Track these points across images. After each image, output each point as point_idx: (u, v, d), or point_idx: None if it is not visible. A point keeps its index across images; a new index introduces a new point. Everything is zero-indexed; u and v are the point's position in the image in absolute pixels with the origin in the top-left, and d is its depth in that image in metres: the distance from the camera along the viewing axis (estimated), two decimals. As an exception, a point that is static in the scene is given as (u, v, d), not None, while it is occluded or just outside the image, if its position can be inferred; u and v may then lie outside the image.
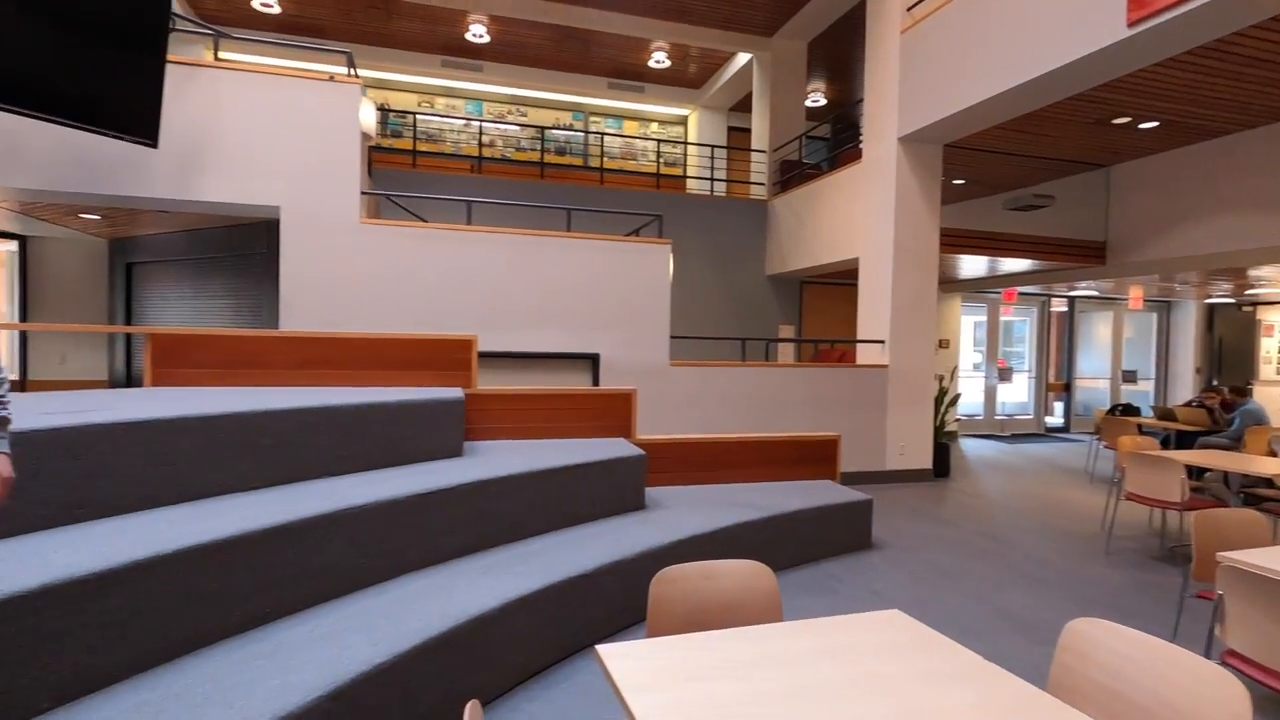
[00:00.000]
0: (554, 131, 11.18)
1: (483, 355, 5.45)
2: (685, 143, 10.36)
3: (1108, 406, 11.08)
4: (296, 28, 9.46)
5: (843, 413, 6.57)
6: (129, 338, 7.17)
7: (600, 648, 1.43)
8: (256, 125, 4.96)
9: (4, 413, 1.31)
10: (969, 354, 11.45)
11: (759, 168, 9.81)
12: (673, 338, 6.05)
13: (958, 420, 10.75)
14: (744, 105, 11.19)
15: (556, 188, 8.60)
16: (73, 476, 2.27)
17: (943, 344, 10.53)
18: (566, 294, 5.66)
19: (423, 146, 10.46)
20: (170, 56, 4.50)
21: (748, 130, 10.44)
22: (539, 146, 10.87)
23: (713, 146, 10.45)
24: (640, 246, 5.86)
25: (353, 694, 1.95)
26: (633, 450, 3.99)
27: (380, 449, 3.28)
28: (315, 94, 5.09)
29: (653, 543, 3.35)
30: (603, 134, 10.69)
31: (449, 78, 10.59)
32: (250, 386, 3.85)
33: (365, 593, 2.58)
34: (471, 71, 10.48)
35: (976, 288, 10.86)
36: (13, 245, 7.08)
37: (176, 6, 4.46)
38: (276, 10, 8.89)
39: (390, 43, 9.86)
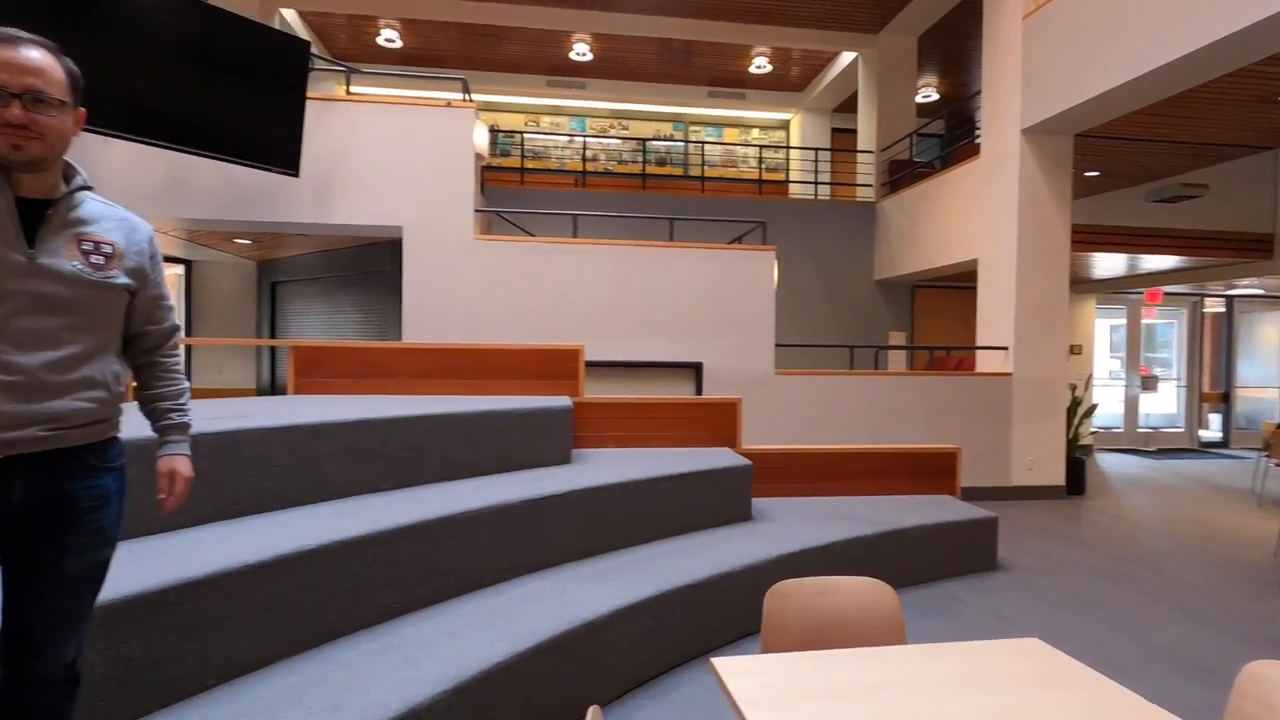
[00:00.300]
0: (654, 143, 11.31)
1: (589, 364, 5.57)
2: (788, 147, 10.19)
3: (1278, 419, 9.79)
4: (417, 59, 10.13)
5: (962, 424, 6.19)
6: (273, 349, 7.90)
7: (716, 660, 1.41)
8: (383, 151, 5.34)
9: (186, 419, 1.47)
10: (1105, 361, 10.48)
11: (865, 169, 9.48)
12: (778, 346, 5.93)
13: (1093, 433, 9.85)
14: (849, 106, 10.85)
15: (658, 198, 8.68)
16: (232, 476, 2.51)
17: (1074, 350, 9.70)
18: (669, 303, 5.69)
19: (530, 164, 10.88)
20: (309, 94, 4.94)
21: (853, 131, 10.10)
22: (640, 158, 11.03)
23: (816, 149, 10.20)
24: (743, 254, 5.80)
25: (474, 690, 2.03)
26: (738, 460, 3.94)
27: (495, 455, 3.42)
28: (434, 120, 5.42)
29: (761, 555, 3.28)
30: (703, 143, 10.71)
31: (554, 96, 10.98)
32: (378, 395, 4.13)
33: (483, 593, 2.69)
34: (575, 89, 10.80)
35: (1114, 288, 9.94)
36: (180, 269, 7.99)
37: (313, 49, 4.93)
38: (399, 44, 9.56)
39: (499, 67, 10.35)
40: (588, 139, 11.14)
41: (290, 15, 8.68)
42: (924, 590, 3.83)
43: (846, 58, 9.75)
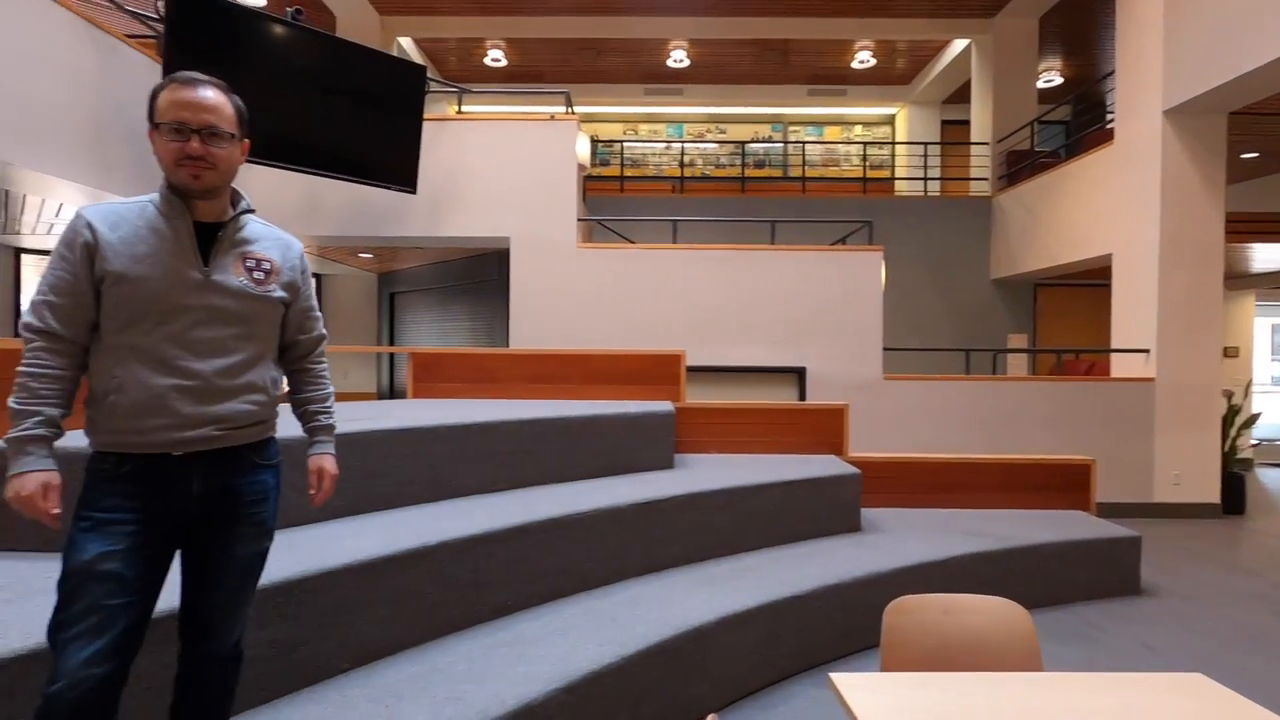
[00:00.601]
0: (753, 145, 11.18)
1: (689, 370, 5.56)
2: (894, 142, 9.78)
3: None
4: (520, 76, 10.53)
5: (1093, 434, 5.69)
6: (391, 355, 8.43)
7: (835, 676, 1.36)
8: (491, 166, 5.58)
9: (332, 420, 1.59)
10: (1266, 364, 9.33)
11: (980, 162, 8.93)
12: (886, 350, 5.69)
13: (1254, 445, 8.78)
14: (960, 96, 10.28)
15: (757, 201, 8.57)
16: (360, 475, 2.69)
17: (1230, 353, 8.70)
18: (771, 307, 5.59)
19: (629, 171, 11.04)
20: (425, 115, 5.24)
21: (965, 123, 9.56)
22: (738, 161, 10.94)
23: (925, 144, 9.73)
24: (848, 255, 5.61)
25: (585, 689, 2.06)
26: (845, 468, 3.80)
27: (599, 458, 3.48)
28: (538, 134, 5.61)
29: (872, 568, 3.15)
30: (803, 143, 10.47)
31: (651, 105, 11.09)
32: (489, 399, 4.31)
33: (590, 594, 2.74)
34: (672, 96, 10.87)
35: (1276, 283, 8.83)
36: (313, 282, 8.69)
37: (428, 72, 5.27)
38: (504, 63, 9.99)
39: (598, 79, 10.58)
40: (685, 144, 11.17)
41: (406, 43, 9.27)
42: (1055, 613, 3.54)
43: (958, 46, 9.25)
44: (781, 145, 11.17)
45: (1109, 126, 6.47)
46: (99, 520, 1.24)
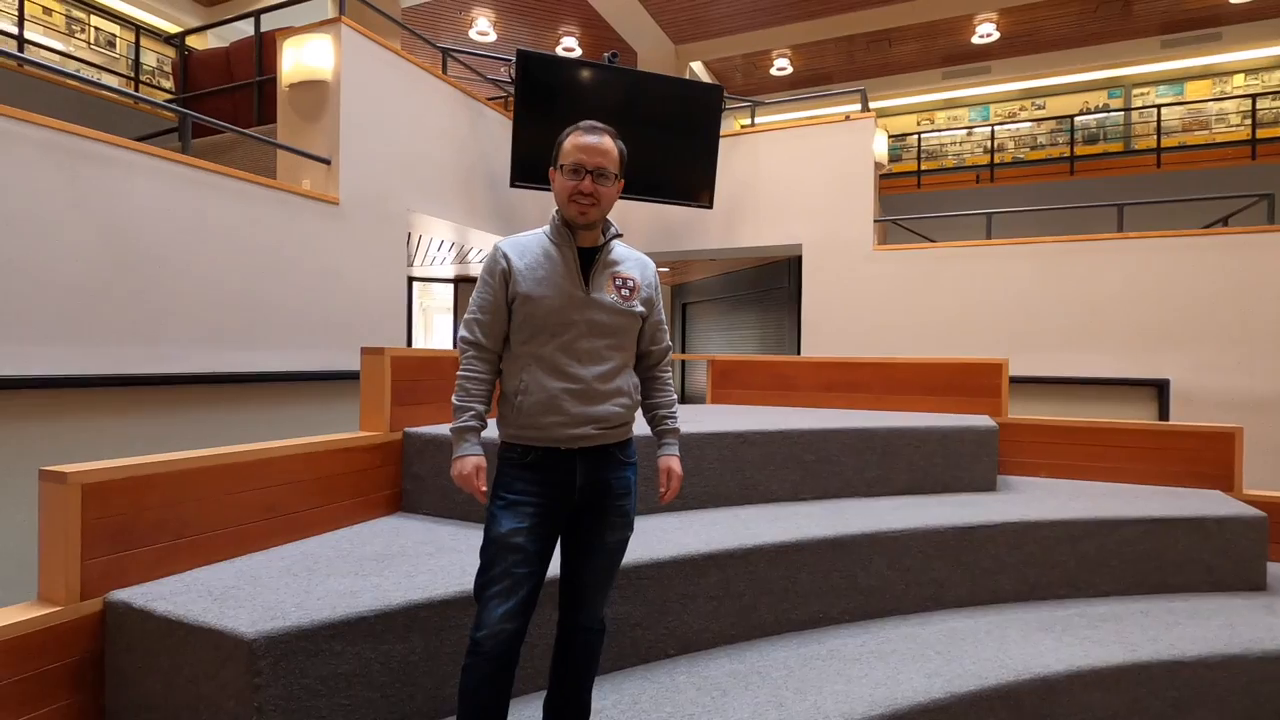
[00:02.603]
0: (1082, 118, 9.54)
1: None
2: (1298, 90, 7.54)
3: None
4: (807, 80, 10.44)
5: None
6: (682, 362, 8.95)
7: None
8: (785, 173, 5.61)
9: (676, 424, 1.74)
10: None
11: None
12: (1294, 359, 4.40)
13: None
14: None
15: (1091, 183, 7.30)
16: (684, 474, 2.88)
17: None
18: (1116, 307, 4.70)
19: (926, 165, 10.24)
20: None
21: None
22: (1059, 140, 9.43)
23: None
24: (1236, 239, 4.46)
25: (912, 722, 1.93)
26: (1241, 509, 3.01)
27: (909, 475, 3.25)
28: (833, 136, 5.48)
29: (1292, 642, 2.44)
30: (1157, 106, 8.62)
31: (949, 89, 10.14)
32: (786, 406, 4.32)
33: (906, 619, 2.57)
34: (977, 76, 9.80)
35: None
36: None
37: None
38: (790, 70, 9.98)
39: (888, 71, 9.99)
40: (995, 127, 9.98)
41: (697, 66, 9.80)
42: None
43: None
44: (1122, 114, 9.35)
45: None
46: (510, 500, 1.52)
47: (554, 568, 1.66)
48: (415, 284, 8.58)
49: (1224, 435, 3.47)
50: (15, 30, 6.27)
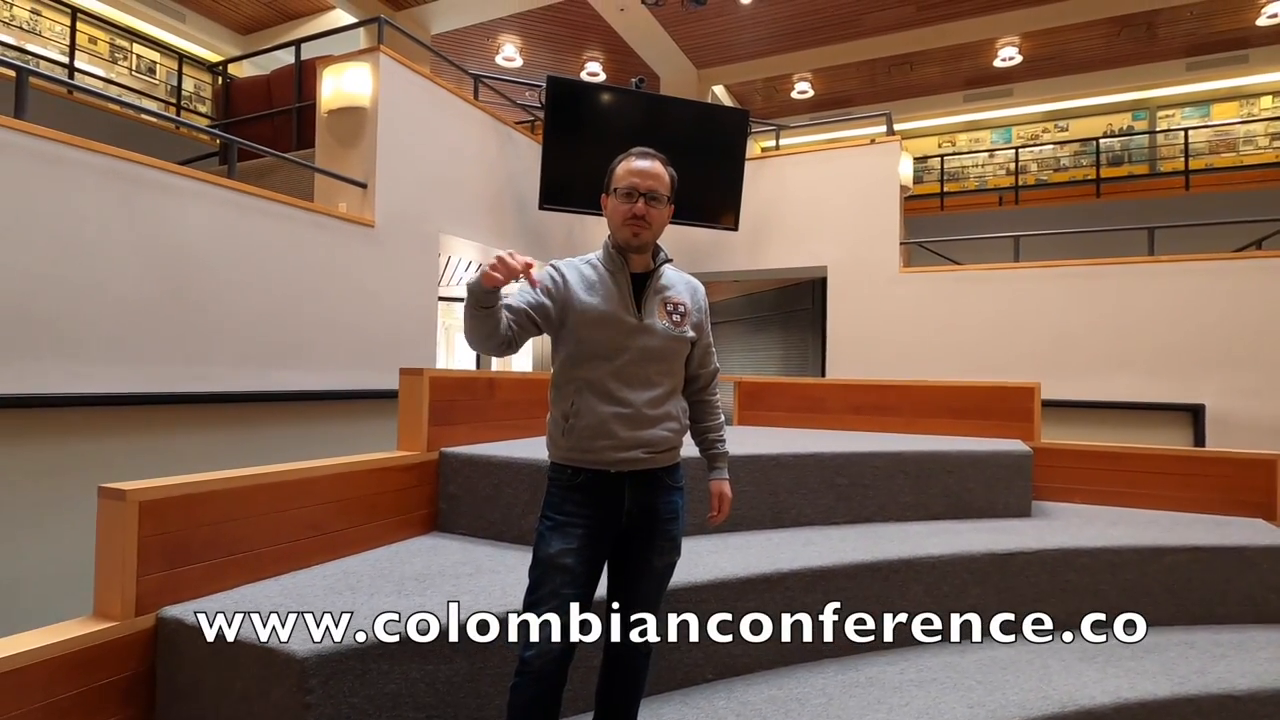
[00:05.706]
0: (1107, 140, 9.51)
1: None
2: (1328, 112, 7.48)
3: None
4: (828, 103, 10.50)
5: None
6: (705, 383, 8.93)
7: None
8: (810, 196, 5.65)
9: (726, 448, 1.75)
10: None
11: None
12: (1335, 384, 4.32)
13: None
14: None
15: (1117, 205, 7.26)
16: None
17: None
18: (1147, 331, 4.65)
19: (948, 187, 10.23)
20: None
21: None
22: (1083, 161, 9.39)
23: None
24: (1266, 264, 4.41)
25: (957, 753, 1.90)
26: (1286, 538, 2.95)
27: (943, 499, 3.22)
28: (858, 159, 5.52)
29: (1346, 677, 2.37)
30: (1184, 129, 8.58)
31: (971, 111, 10.16)
32: (814, 429, 4.30)
33: (944, 647, 2.53)
34: (999, 99, 9.81)
35: None
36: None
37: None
38: (811, 93, 10.06)
39: (909, 93, 10.03)
40: (1019, 149, 9.96)
41: (719, 90, 9.91)
42: None
43: None
44: (1147, 136, 9.30)
45: None
46: (559, 522, 1.53)
47: (601, 589, 1.67)
48: (439, 303, 8.68)
49: (1265, 462, 3.41)
50: (65, 59, 6.52)
